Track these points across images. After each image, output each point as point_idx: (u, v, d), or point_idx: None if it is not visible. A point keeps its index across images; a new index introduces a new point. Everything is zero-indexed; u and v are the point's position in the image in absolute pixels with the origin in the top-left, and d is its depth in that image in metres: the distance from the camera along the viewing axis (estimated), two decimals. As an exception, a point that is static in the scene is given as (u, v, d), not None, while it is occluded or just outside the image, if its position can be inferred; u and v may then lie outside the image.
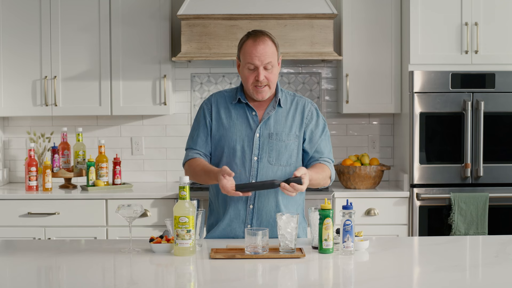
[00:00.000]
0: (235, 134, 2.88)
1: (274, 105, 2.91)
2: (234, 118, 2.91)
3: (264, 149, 2.86)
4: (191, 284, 2.28)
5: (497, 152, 4.24)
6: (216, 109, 2.94)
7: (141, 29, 4.49)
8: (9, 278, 2.33)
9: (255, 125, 2.89)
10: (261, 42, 2.83)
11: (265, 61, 2.82)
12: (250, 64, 2.83)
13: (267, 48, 2.82)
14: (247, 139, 2.87)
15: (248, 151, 2.87)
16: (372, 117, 4.81)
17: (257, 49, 2.81)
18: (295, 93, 3.01)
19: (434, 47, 4.24)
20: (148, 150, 4.83)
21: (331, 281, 2.35)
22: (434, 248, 2.71)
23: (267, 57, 2.82)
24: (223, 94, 2.99)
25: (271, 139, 2.87)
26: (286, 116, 2.92)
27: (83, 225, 4.24)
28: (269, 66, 2.83)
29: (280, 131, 2.89)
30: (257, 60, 2.81)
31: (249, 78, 2.85)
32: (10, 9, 4.46)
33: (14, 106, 4.51)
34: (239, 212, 2.87)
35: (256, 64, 2.82)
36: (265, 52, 2.81)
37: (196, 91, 4.81)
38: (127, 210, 2.64)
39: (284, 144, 2.88)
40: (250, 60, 2.82)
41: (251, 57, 2.82)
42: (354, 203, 2.96)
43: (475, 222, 4.15)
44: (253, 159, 2.86)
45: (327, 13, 4.26)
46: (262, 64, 2.82)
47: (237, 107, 2.92)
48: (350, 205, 2.59)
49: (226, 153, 2.88)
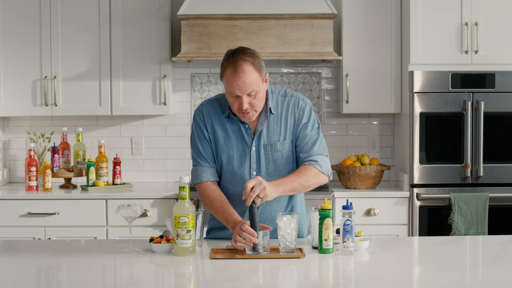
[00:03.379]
0: (232, 149, 2.82)
1: (266, 114, 2.81)
2: (229, 132, 2.83)
3: (261, 162, 2.81)
4: (191, 284, 2.28)
5: (497, 152, 4.24)
6: (210, 121, 2.85)
7: (141, 29, 4.49)
8: (9, 278, 2.33)
9: (249, 138, 2.82)
10: (241, 71, 2.66)
11: (246, 91, 2.69)
12: (231, 93, 2.72)
13: (247, 78, 2.67)
14: (243, 155, 2.81)
15: (246, 166, 2.81)
16: (372, 117, 4.81)
17: (237, 81, 2.66)
18: (286, 90, 2.89)
19: (434, 47, 4.24)
20: (148, 150, 4.83)
21: (331, 281, 2.35)
22: (434, 248, 2.71)
23: (248, 87, 2.69)
24: (213, 104, 2.87)
25: (266, 150, 2.81)
26: (279, 122, 2.83)
27: (83, 225, 4.24)
28: (252, 93, 2.71)
29: (274, 141, 2.82)
30: (239, 91, 2.69)
31: (233, 105, 2.74)
32: (10, 8, 4.46)
33: (14, 106, 4.51)
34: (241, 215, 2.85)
35: (238, 94, 2.70)
36: (245, 82, 2.67)
37: (196, 91, 4.81)
38: (127, 210, 2.64)
39: (280, 154, 2.82)
40: (231, 90, 2.70)
41: (232, 87, 2.69)
42: (354, 203, 2.95)
43: (475, 222, 4.15)
44: (252, 174, 2.81)
45: (327, 13, 4.26)
46: (244, 94, 2.70)
47: (230, 121, 2.84)
48: (350, 205, 2.58)
49: (225, 169, 2.83)
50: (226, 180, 2.85)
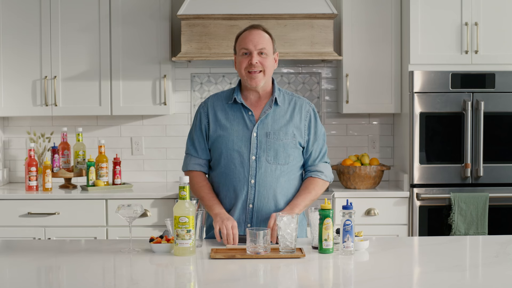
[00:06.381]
0: (232, 135, 2.88)
1: (271, 104, 2.90)
2: (231, 119, 2.91)
3: (262, 148, 2.86)
4: (191, 284, 2.28)
5: (497, 152, 4.24)
6: (213, 111, 2.94)
7: (141, 29, 4.49)
8: (9, 278, 2.33)
9: (251, 124, 2.88)
10: (255, 31, 2.88)
11: (258, 46, 2.84)
12: (244, 49, 2.86)
13: (261, 36, 2.86)
14: (244, 139, 2.87)
15: (245, 151, 2.86)
16: (372, 117, 4.81)
17: (251, 35, 2.85)
18: (293, 93, 3.00)
19: (434, 47, 4.24)
20: (148, 150, 4.83)
21: (331, 281, 2.35)
22: (434, 248, 2.71)
23: (260, 42, 2.85)
24: (219, 95, 2.99)
25: (268, 138, 2.87)
26: (284, 115, 2.91)
27: (83, 225, 4.24)
28: (263, 51, 2.85)
29: (278, 130, 2.88)
30: (251, 45, 2.84)
31: (242, 63, 2.86)
32: (10, 9, 4.46)
33: (14, 106, 4.51)
34: (239, 212, 2.87)
35: (250, 49, 2.84)
36: (259, 38, 2.85)
37: (196, 91, 4.81)
38: (127, 210, 2.64)
39: (282, 143, 2.87)
40: (243, 45, 2.86)
41: (245, 42, 2.85)
42: (354, 203, 2.96)
43: (475, 222, 4.15)
44: (251, 159, 2.86)
45: (327, 13, 4.26)
46: (256, 49, 2.84)
47: (234, 108, 2.92)
48: (350, 205, 2.59)
49: (224, 154, 2.88)
50: (225, 165, 2.89)
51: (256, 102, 2.93)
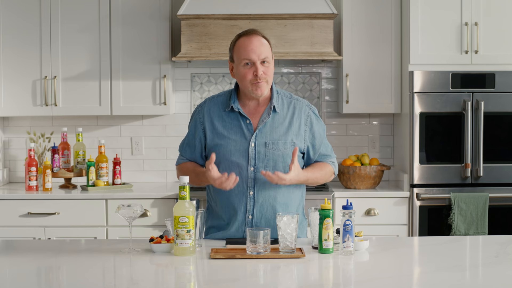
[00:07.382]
0: (230, 144, 2.82)
1: (269, 111, 2.83)
2: (229, 127, 2.84)
3: (260, 159, 2.80)
4: (191, 284, 2.28)
5: (497, 152, 4.24)
6: (209, 118, 2.87)
7: (141, 29, 4.49)
8: (9, 278, 2.33)
9: (249, 134, 2.82)
10: (255, 38, 2.78)
11: (261, 56, 2.76)
12: (246, 60, 2.76)
13: (262, 43, 2.77)
14: (242, 150, 2.81)
15: (244, 162, 2.80)
16: (372, 117, 4.81)
17: (252, 44, 2.76)
18: (291, 94, 2.93)
19: (434, 47, 4.24)
20: (148, 150, 4.83)
21: (331, 281, 2.35)
22: (434, 248, 2.71)
23: (263, 51, 2.76)
24: (216, 101, 2.90)
25: (267, 148, 2.81)
26: (283, 122, 2.85)
27: (83, 225, 4.24)
28: (265, 60, 2.77)
29: (277, 140, 2.82)
30: (254, 55, 2.75)
31: (246, 75, 2.77)
32: (10, 9, 4.46)
33: (14, 106, 4.51)
34: (238, 223, 2.85)
35: (253, 59, 2.75)
36: (261, 46, 2.76)
37: (196, 91, 4.81)
38: (127, 210, 2.64)
39: (281, 153, 2.81)
40: (246, 55, 2.76)
41: (247, 52, 2.75)
42: (354, 203, 2.96)
43: (475, 222, 4.15)
44: (249, 170, 2.81)
45: (327, 13, 4.26)
46: (259, 59, 2.76)
47: (231, 116, 2.85)
48: (350, 205, 2.59)
49: (222, 165, 2.81)
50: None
51: (254, 109, 2.86)
